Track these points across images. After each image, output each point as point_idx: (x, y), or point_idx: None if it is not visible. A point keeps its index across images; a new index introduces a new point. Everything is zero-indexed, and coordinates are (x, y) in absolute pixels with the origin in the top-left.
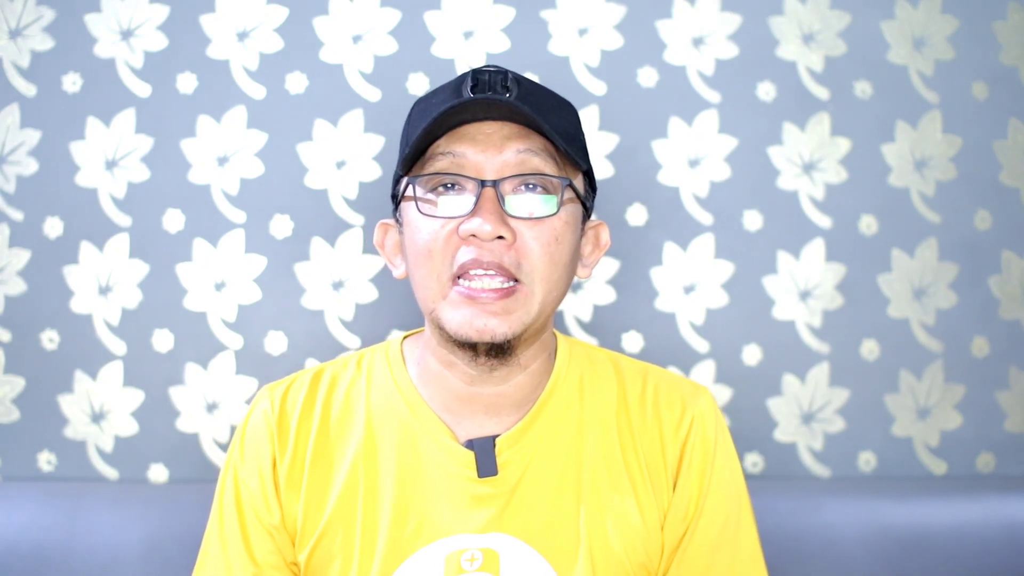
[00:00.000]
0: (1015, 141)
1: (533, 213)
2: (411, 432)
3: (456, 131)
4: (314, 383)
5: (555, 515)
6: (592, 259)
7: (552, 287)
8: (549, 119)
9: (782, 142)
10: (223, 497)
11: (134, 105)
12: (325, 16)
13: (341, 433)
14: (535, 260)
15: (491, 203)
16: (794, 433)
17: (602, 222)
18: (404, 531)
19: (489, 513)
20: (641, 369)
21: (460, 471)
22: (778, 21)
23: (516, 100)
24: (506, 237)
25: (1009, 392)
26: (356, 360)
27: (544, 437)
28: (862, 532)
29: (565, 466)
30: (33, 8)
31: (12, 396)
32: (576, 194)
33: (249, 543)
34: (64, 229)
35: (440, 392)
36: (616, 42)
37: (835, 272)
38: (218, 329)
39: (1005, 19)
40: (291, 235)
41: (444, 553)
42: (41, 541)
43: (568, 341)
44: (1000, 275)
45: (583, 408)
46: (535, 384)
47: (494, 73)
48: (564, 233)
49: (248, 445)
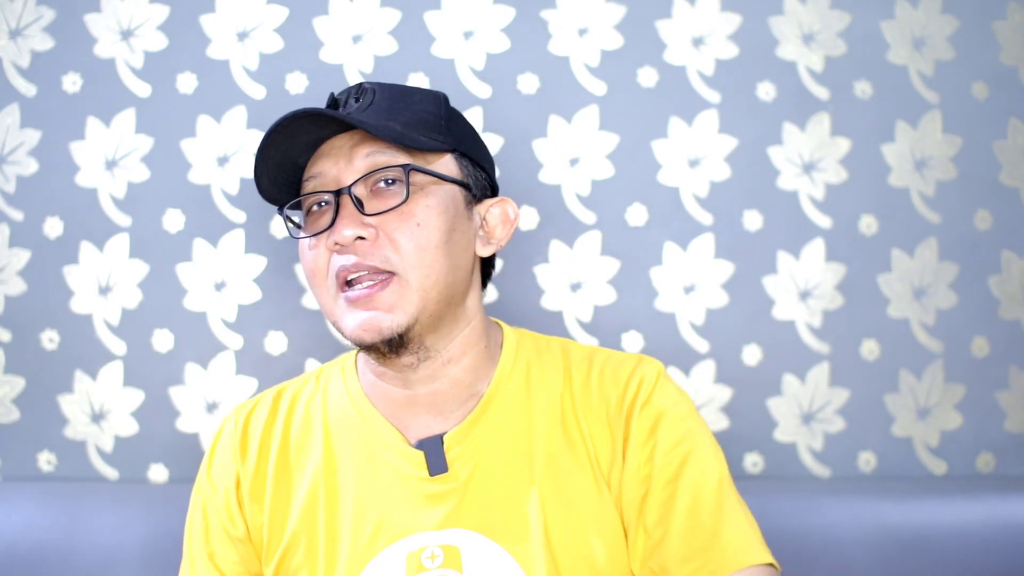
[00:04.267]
0: (1015, 141)
1: (388, 206)
2: (365, 439)
3: (318, 151)
4: (275, 402)
5: (509, 505)
6: (501, 235)
7: (428, 271)
8: (397, 115)
9: (782, 142)
10: (192, 513)
11: (134, 105)
12: (325, 16)
13: (301, 448)
14: (401, 249)
15: (346, 208)
16: (794, 433)
17: (506, 198)
18: (364, 536)
19: (445, 510)
20: (589, 353)
21: (412, 471)
22: (778, 21)
23: (362, 110)
24: (366, 236)
25: (1009, 392)
26: (316, 376)
27: (492, 430)
28: (862, 532)
29: (515, 457)
30: (33, 8)
31: (12, 396)
32: (439, 176)
33: (214, 554)
34: (64, 229)
35: (384, 398)
36: (616, 42)
37: (835, 272)
38: (218, 329)
39: (1005, 19)
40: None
41: (404, 553)
42: (41, 541)
43: (518, 333)
44: (1000, 275)
45: (531, 398)
46: (473, 378)
47: (350, 89)
48: (428, 217)
49: (215, 464)
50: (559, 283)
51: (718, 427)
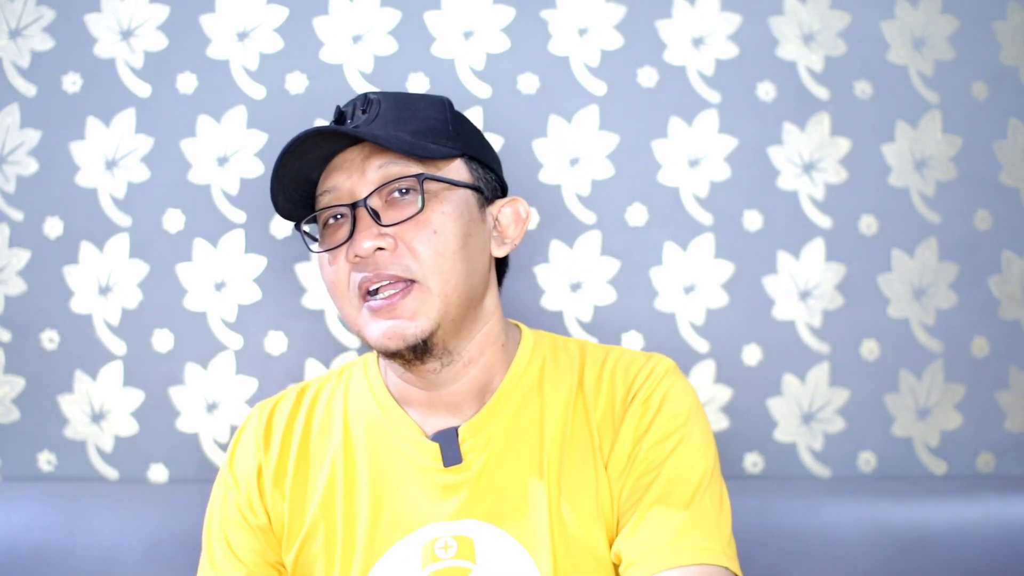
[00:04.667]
0: (1015, 141)
1: (404, 216)
2: (383, 431)
3: (330, 164)
4: (299, 397)
5: (521, 497)
6: (514, 234)
7: (448, 276)
8: (405, 125)
9: (782, 142)
10: (212, 504)
11: (134, 105)
12: (325, 16)
13: (322, 440)
14: (420, 257)
15: (363, 221)
16: (794, 433)
17: (516, 197)
18: (381, 526)
19: (459, 500)
20: (604, 352)
21: (428, 463)
22: (778, 21)
23: (369, 122)
24: (385, 247)
25: (1009, 392)
26: (339, 373)
27: (505, 424)
28: (862, 532)
29: (528, 450)
30: (33, 8)
31: (12, 396)
32: (451, 182)
33: (233, 545)
34: (64, 229)
35: (404, 395)
36: (616, 42)
37: (835, 272)
38: (218, 329)
39: (1005, 19)
40: (291, 235)
41: (420, 543)
42: (41, 541)
43: (535, 334)
44: (1000, 275)
45: (543, 395)
46: (490, 376)
47: (356, 100)
48: (444, 224)
49: (237, 456)
50: (559, 283)
51: (718, 427)
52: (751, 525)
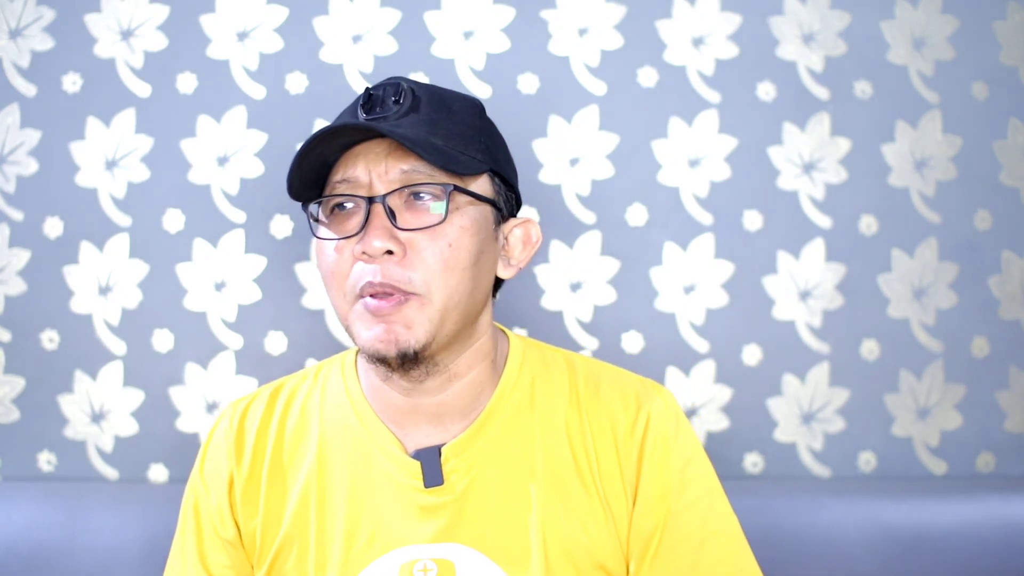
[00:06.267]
0: (1015, 141)
1: (423, 223)
2: (361, 444)
3: (350, 151)
4: (272, 399)
5: (507, 523)
6: (521, 257)
7: (452, 292)
8: (438, 128)
9: (782, 142)
10: (185, 510)
11: (134, 105)
12: (325, 16)
13: (296, 448)
14: (429, 268)
15: (379, 219)
16: (794, 433)
17: (530, 219)
18: (356, 544)
19: (440, 523)
20: (595, 370)
21: (408, 481)
22: (778, 21)
23: (401, 115)
24: (395, 251)
25: (1009, 392)
26: (315, 373)
27: (492, 445)
28: (862, 532)
29: (515, 473)
30: (33, 8)
31: (12, 396)
32: (476, 196)
33: (205, 556)
34: (64, 229)
35: (385, 404)
36: (616, 42)
37: (835, 272)
38: (218, 329)
39: (1005, 19)
40: (291, 235)
41: (397, 564)
42: (41, 541)
43: (523, 343)
44: (1000, 275)
45: (535, 413)
46: (478, 392)
47: (388, 87)
48: (460, 238)
49: (208, 461)
50: (559, 283)
51: (718, 427)
52: (751, 525)
